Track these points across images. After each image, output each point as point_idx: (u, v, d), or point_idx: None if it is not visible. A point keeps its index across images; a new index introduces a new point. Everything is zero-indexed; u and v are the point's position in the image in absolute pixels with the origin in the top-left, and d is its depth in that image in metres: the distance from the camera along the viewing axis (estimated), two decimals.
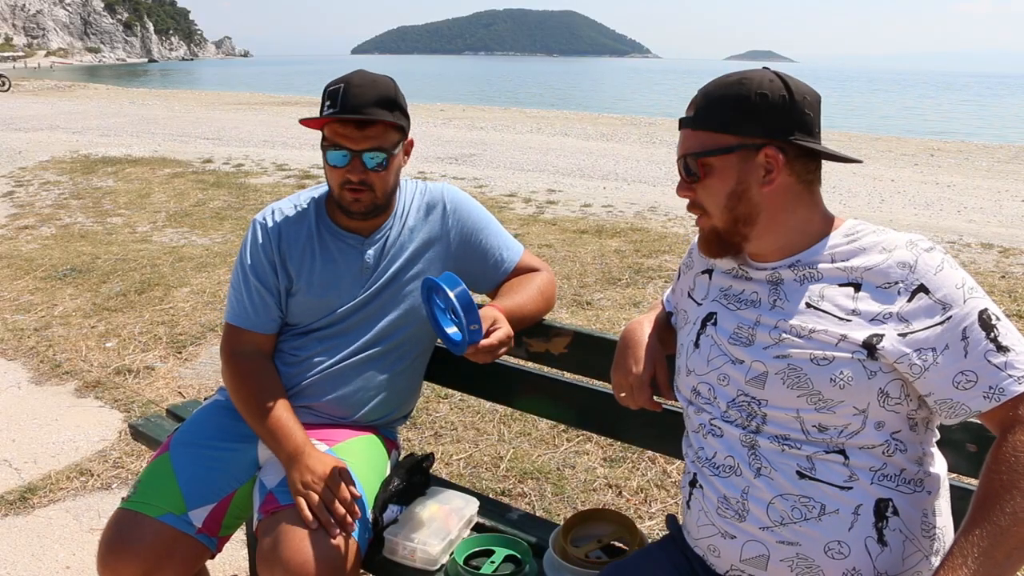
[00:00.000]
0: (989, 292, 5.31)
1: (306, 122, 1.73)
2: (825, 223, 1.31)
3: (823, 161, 1.31)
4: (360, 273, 1.84)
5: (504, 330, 1.66)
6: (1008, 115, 35.46)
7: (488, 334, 1.63)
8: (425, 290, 1.62)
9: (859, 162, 1.33)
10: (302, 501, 1.60)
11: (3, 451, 3.28)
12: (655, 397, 1.47)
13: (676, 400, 1.47)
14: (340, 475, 1.63)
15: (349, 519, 1.59)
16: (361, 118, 1.68)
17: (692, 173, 1.31)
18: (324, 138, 1.75)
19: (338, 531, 1.57)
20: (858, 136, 19.21)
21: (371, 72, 1.75)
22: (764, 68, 1.32)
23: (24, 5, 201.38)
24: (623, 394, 1.48)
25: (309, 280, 1.82)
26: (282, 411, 1.74)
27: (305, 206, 1.87)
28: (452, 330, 1.61)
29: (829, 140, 1.37)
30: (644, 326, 1.54)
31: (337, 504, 1.59)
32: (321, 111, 1.74)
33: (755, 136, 1.26)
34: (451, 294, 1.51)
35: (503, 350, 1.65)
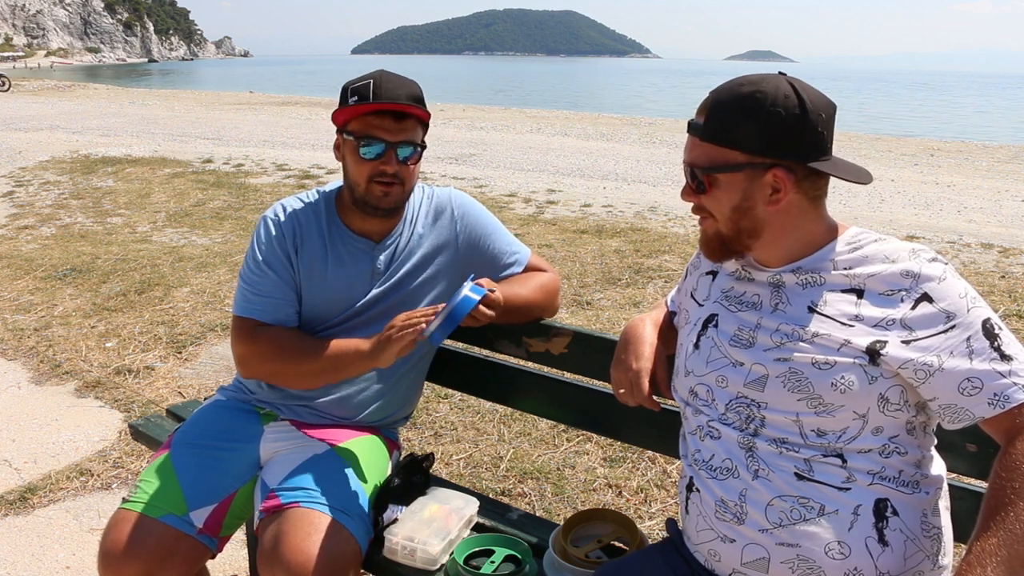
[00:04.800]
0: (989, 292, 5.31)
1: (340, 112, 1.70)
2: (828, 231, 1.30)
3: None
4: (371, 278, 1.83)
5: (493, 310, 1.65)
6: (1008, 115, 35.46)
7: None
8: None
9: (869, 182, 1.30)
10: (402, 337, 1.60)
11: (3, 451, 3.28)
12: (654, 396, 1.47)
13: (674, 399, 1.47)
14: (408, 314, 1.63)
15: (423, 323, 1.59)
16: (401, 108, 1.69)
17: (698, 184, 1.29)
18: (350, 132, 1.72)
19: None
20: (858, 136, 19.21)
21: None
22: (780, 74, 1.26)
23: (24, 5, 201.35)
24: (622, 390, 1.47)
25: (320, 282, 1.81)
26: (326, 341, 1.74)
27: (316, 205, 1.85)
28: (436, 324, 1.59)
29: None
30: (646, 324, 1.53)
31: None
32: (344, 106, 1.71)
33: (764, 156, 1.23)
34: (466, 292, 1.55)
35: (487, 314, 1.63)
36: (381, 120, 1.70)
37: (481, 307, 1.59)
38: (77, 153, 12.41)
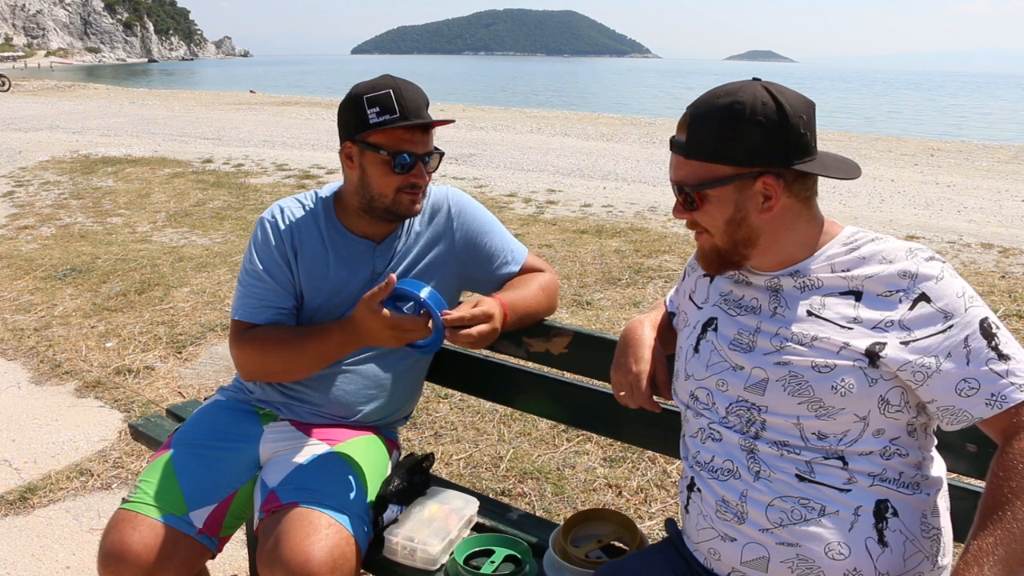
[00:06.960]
0: (989, 292, 5.31)
1: (363, 125, 1.69)
2: (824, 232, 1.30)
3: None
4: (370, 278, 1.83)
5: (487, 325, 1.65)
6: (1008, 115, 35.47)
7: (474, 324, 1.62)
8: (390, 301, 1.60)
9: (856, 177, 1.30)
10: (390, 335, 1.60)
11: (3, 451, 3.28)
12: (654, 397, 1.47)
13: (674, 401, 1.47)
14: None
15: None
16: (434, 123, 1.72)
17: (689, 201, 1.28)
18: (378, 146, 1.70)
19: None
20: (858, 136, 19.20)
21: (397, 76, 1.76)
22: (754, 80, 1.26)
23: (24, 5, 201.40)
24: (622, 393, 1.48)
25: (322, 284, 1.81)
26: (304, 329, 1.77)
27: (314, 208, 1.85)
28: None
29: (829, 141, 1.34)
30: (645, 325, 1.53)
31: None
32: (364, 119, 1.68)
33: (751, 165, 1.23)
34: (422, 295, 1.56)
35: (482, 339, 1.64)
36: (412, 135, 1.71)
37: (472, 329, 1.60)
38: (77, 153, 12.41)
